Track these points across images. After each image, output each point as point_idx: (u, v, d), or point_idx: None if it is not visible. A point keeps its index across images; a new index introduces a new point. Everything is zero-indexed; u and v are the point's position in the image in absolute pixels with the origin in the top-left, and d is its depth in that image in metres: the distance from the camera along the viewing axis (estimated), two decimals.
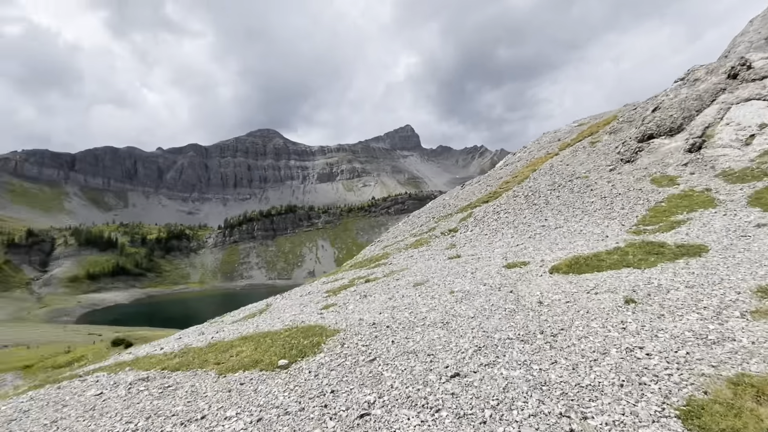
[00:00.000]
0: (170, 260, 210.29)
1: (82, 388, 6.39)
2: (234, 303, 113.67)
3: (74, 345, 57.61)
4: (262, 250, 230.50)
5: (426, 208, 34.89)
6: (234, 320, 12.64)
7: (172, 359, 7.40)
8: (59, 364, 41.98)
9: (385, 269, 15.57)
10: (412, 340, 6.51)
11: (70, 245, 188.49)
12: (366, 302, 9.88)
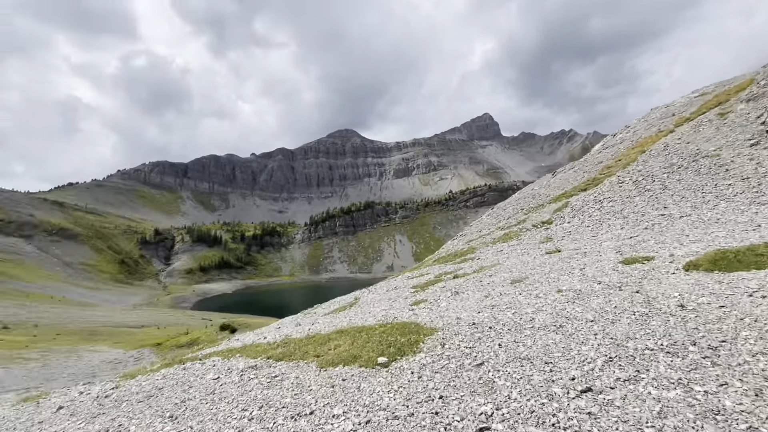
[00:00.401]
0: (265, 255, 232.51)
1: (202, 371, 6.99)
2: (320, 294, 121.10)
3: (191, 328, 66.60)
4: (343, 245, 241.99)
5: (512, 199, 32.67)
6: (326, 312, 13.07)
7: (275, 349, 7.75)
8: (181, 344, 48.50)
9: (474, 264, 14.74)
10: (522, 344, 5.79)
11: (185, 242, 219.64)
12: (459, 300, 9.30)
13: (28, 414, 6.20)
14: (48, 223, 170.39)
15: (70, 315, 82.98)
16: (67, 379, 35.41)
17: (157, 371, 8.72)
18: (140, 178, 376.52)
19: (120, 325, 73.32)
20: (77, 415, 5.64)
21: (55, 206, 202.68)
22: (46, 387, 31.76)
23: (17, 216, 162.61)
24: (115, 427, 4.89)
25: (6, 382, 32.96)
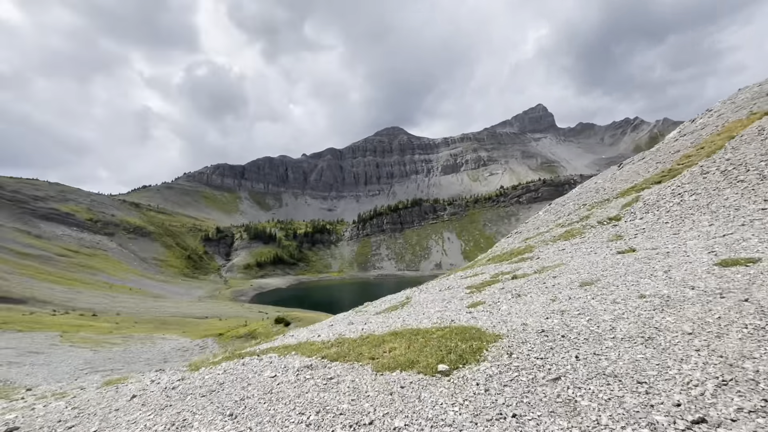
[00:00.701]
0: (315, 251, 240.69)
1: (260, 368, 7.05)
2: (368, 291, 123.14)
3: (249, 320, 70.44)
4: (391, 243, 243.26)
5: (573, 194, 30.42)
6: (377, 311, 12.88)
7: (329, 348, 7.64)
8: (240, 335, 51.36)
9: (534, 264, 13.74)
10: (605, 358, 5.06)
11: (243, 239, 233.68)
12: (522, 303, 8.58)
13: (107, 400, 6.60)
14: (127, 222, 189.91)
15: (145, 305, 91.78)
16: (143, 363, 39.02)
17: (219, 364, 9.04)
18: (203, 179, 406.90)
19: (187, 316, 79.70)
20: (147, 405, 5.88)
21: (132, 207, 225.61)
22: (126, 369, 35.22)
23: (102, 216, 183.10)
24: (180, 421, 4.99)
25: (95, 362, 37.07)
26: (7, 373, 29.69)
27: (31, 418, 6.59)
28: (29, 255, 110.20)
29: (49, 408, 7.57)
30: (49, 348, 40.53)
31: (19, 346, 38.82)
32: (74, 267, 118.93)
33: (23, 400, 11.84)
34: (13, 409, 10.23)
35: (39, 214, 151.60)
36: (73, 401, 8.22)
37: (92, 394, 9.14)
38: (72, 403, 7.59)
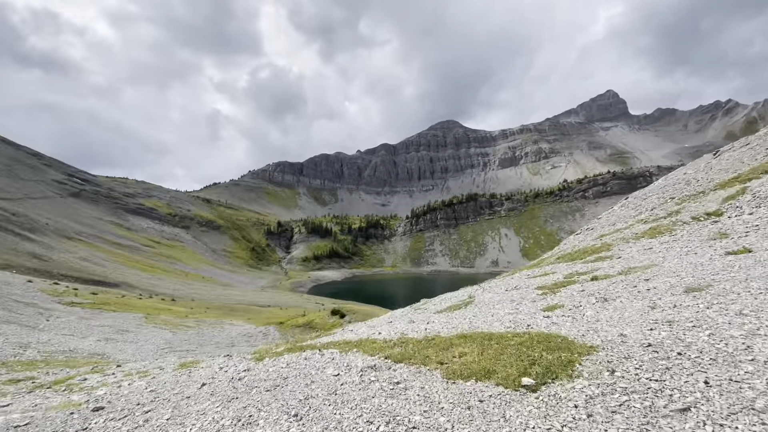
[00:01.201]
0: (369, 246, 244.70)
1: (322, 364, 6.83)
2: (422, 287, 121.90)
3: (307, 310, 73.26)
4: (445, 238, 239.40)
5: (655, 186, 27.03)
6: (438, 310, 12.23)
7: (392, 348, 7.21)
8: (299, 324, 53.43)
9: (616, 264, 12.16)
10: (748, 387, 3.98)
11: (302, 233, 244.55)
12: (611, 309, 7.43)
13: (180, 386, 6.78)
14: (200, 217, 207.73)
15: (215, 293, 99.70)
16: (213, 346, 42.21)
17: (281, 355, 9.07)
18: (266, 176, 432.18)
19: (251, 304, 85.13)
20: (215, 395, 5.88)
21: (204, 202, 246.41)
22: (199, 351, 38.29)
23: (179, 210, 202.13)
24: (246, 417, 4.86)
25: (174, 343, 40.82)
26: (105, 347, 33.67)
27: (116, 397, 6.98)
28: (121, 245, 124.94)
29: (132, 387, 8.05)
30: (136, 328, 45.47)
31: (114, 325, 44.04)
32: (156, 256, 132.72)
33: (113, 375, 13.02)
34: (105, 384, 11.23)
35: (128, 208, 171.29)
36: (152, 382, 8.70)
37: (168, 376, 9.66)
38: (151, 384, 7.99)
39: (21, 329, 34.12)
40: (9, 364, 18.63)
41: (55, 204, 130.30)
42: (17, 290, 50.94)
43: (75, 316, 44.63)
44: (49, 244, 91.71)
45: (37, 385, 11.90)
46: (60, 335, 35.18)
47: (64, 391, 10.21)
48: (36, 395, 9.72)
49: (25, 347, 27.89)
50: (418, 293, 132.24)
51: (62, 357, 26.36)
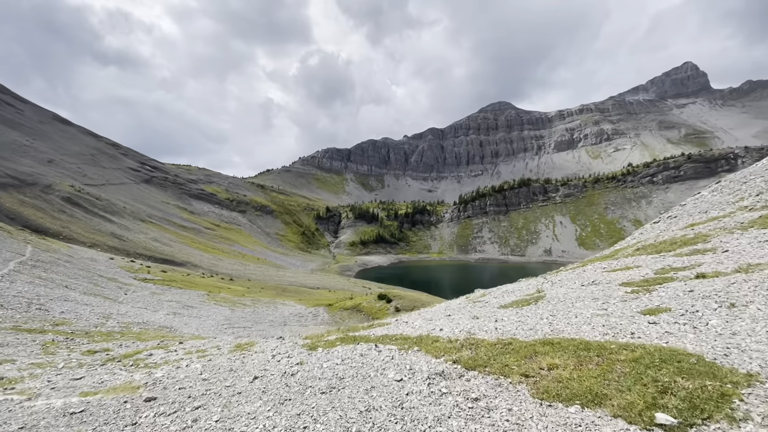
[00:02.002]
0: (415, 232, 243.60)
1: (380, 364, 6.13)
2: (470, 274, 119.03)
3: (354, 294, 74.46)
4: (494, 225, 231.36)
5: (758, 168, 22.99)
6: (502, 304, 11.04)
7: (459, 350, 6.30)
8: (347, 307, 54.26)
9: (724, 259, 10.11)
10: None
11: (349, 218, 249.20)
12: (748, 318, 5.82)
13: (233, 378, 6.46)
14: (255, 202, 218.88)
15: (269, 274, 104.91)
16: (267, 324, 44.22)
17: (334, 346, 8.58)
18: (315, 163, 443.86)
19: (302, 285, 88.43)
20: (267, 393, 5.41)
21: (258, 188, 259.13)
22: (254, 328, 40.24)
23: (236, 196, 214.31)
24: (299, 428, 4.24)
25: (232, 319, 43.32)
26: (173, 321, 36.44)
27: (171, 382, 6.85)
28: (186, 227, 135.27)
29: (188, 371, 7.97)
30: (199, 304, 48.89)
31: (180, 300, 47.69)
32: (216, 238, 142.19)
33: (175, 353, 13.54)
34: (167, 362, 11.60)
35: (192, 194, 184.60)
36: (208, 366, 8.61)
37: (223, 359, 9.60)
38: (206, 369, 7.85)
39: (104, 301, 37.83)
40: (91, 334, 20.43)
41: (130, 189, 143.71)
42: (102, 266, 56.85)
43: (148, 291, 48.88)
44: (126, 225, 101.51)
45: (110, 358, 12.63)
46: (136, 308, 38.61)
47: (131, 366, 10.61)
48: (106, 369, 10.17)
49: (107, 318, 30.77)
50: (465, 281, 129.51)
51: (136, 329, 28.73)
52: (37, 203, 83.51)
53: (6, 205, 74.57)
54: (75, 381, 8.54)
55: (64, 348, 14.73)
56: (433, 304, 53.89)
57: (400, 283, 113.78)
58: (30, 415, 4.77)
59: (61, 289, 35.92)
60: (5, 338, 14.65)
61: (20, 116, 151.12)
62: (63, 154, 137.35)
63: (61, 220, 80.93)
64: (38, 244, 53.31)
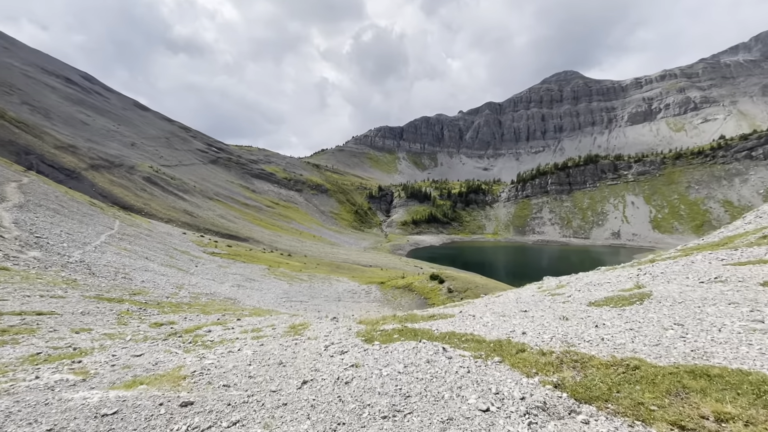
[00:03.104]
0: (469, 212, 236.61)
1: (456, 381, 4.87)
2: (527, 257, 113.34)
3: (406, 273, 74.07)
4: (555, 206, 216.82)
5: None
6: (592, 301, 9.18)
7: (558, 368, 4.81)
8: (399, 285, 53.88)
9: None
10: None
11: (401, 198, 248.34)
12: None
13: (281, 378, 5.66)
14: (310, 181, 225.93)
15: (324, 250, 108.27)
16: (322, 299, 45.33)
17: (393, 340, 7.55)
18: (367, 142, 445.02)
19: (355, 263, 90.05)
20: (317, 409, 4.49)
21: (314, 168, 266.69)
22: (310, 303, 41.37)
23: (294, 175, 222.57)
24: None
25: (290, 293, 44.99)
26: (236, 293, 38.56)
27: (216, 376, 6.31)
28: (248, 205, 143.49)
29: (237, 359, 7.45)
30: (261, 277, 51.46)
31: (243, 273, 50.54)
32: (276, 216, 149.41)
33: (232, 331, 13.56)
34: (222, 341, 11.52)
35: (253, 173, 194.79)
36: (258, 353, 8.06)
37: (275, 345, 9.07)
38: (255, 360, 7.26)
39: (178, 272, 40.95)
40: (162, 305, 21.74)
41: (199, 169, 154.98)
42: (176, 240, 61.97)
43: (215, 264, 52.33)
44: (196, 203, 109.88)
45: (172, 332, 12.93)
46: (205, 279, 41.39)
47: (189, 344, 10.58)
48: (166, 345, 10.21)
49: (179, 288, 33.09)
50: (522, 264, 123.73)
51: (204, 299, 30.52)
52: (123, 182, 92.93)
53: (99, 184, 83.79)
54: (134, 358, 8.49)
55: (136, 318, 15.50)
56: (488, 286, 51.63)
57: (453, 263, 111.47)
58: (63, 413, 4.31)
59: (142, 260, 39.39)
60: (87, 306, 15.67)
61: (108, 104, 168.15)
62: (143, 137, 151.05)
63: (142, 198, 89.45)
64: (124, 219, 59.14)
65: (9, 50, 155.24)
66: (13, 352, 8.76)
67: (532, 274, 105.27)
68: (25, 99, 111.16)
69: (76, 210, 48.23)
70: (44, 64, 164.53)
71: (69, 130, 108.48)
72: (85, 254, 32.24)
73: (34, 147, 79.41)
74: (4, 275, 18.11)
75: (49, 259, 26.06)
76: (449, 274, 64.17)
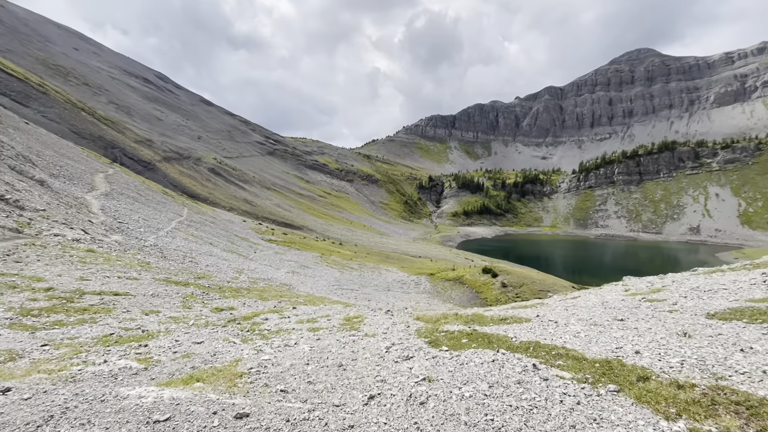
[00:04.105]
0: (525, 203, 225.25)
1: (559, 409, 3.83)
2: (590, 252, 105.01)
3: (456, 265, 71.98)
4: (622, 197, 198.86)
5: None
6: (711, 312, 7.41)
7: (713, 411, 3.52)
8: (449, 278, 52.36)
9: None
10: None
11: (452, 188, 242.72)
12: None
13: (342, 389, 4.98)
14: (361, 171, 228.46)
15: (373, 240, 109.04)
16: (372, 288, 45.33)
17: (462, 346, 6.59)
18: (418, 132, 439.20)
19: (404, 253, 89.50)
20: None
21: (364, 158, 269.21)
22: (360, 291, 41.47)
23: (345, 166, 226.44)
24: None
25: (341, 281, 45.56)
26: (291, 279, 39.74)
27: (275, 373, 5.84)
28: (302, 195, 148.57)
29: (294, 355, 6.99)
30: (314, 264, 52.76)
31: (297, 260, 52.16)
32: (328, 205, 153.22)
33: (288, 320, 13.43)
34: (279, 330, 11.35)
35: (307, 164, 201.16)
36: (315, 349, 7.57)
37: (332, 341, 8.56)
38: (312, 358, 6.74)
39: (239, 258, 43.08)
40: (224, 289, 22.64)
41: (257, 161, 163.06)
42: (237, 227, 65.58)
43: (272, 251, 54.51)
44: (255, 192, 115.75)
45: (232, 318, 13.08)
46: (262, 265, 43.17)
47: (247, 332, 10.48)
48: (225, 333, 10.18)
49: (239, 272, 34.66)
50: (583, 260, 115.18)
51: (262, 284, 31.63)
52: (190, 173, 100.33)
53: (170, 174, 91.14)
54: (194, 346, 8.45)
55: (200, 302, 16.06)
56: (546, 282, 48.27)
57: (506, 257, 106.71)
58: (116, 414, 3.99)
59: (207, 246, 41.93)
60: (157, 289, 16.50)
61: (178, 100, 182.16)
62: (208, 131, 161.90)
63: (207, 187, 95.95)
64: (192, 207, 63.60)
65: (98, 55, 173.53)
66: (90, 332, 9.14)
67: (595, 270, 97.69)
68: (111, 98, 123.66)
69: (151, 198, 52.56)
70: (126, 66, 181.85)
71: (146, 126, 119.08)
72: (158, 239, 34.79)
73: (118, 141, 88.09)
74: (90, 256, 19.74)
75: (128, 242, 28.30)
76: (503, 267, 61.25)
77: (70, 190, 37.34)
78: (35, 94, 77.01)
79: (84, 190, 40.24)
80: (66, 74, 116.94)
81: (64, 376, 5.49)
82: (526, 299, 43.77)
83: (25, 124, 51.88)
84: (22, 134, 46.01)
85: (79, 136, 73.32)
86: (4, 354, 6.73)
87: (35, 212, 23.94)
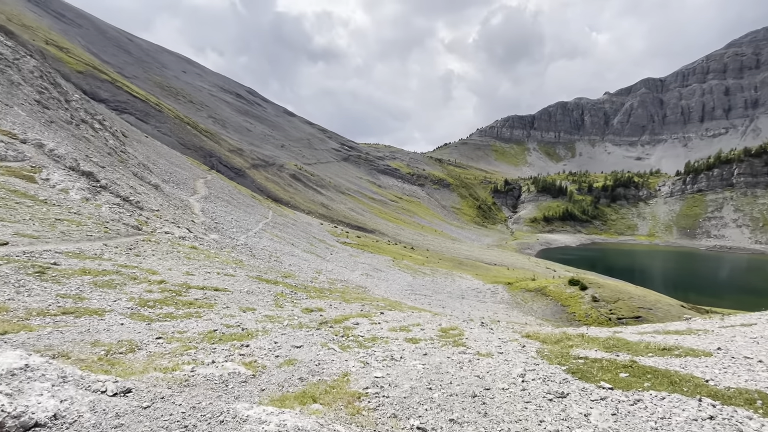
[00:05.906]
0: (616, 209, 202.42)
1: None
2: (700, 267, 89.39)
3: (536, 274, 66.29)
4: (744, 203, 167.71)
5: None
6: None
7: None
8: (530, 288, 48.20)
9: None
10: None
11: (531, 192, 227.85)
12: None
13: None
14: (432, 175, 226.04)
15: (445, 245, 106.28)
16: (445, 295, 43.43)
17: (630, 386, 4.96)
18: (493, 133, 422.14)
19: (478, 260, 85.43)
20: None
21: (436, 162, 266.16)
22: (434, 298, 39.90)
23: (417, 170, 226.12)
24: None
25: (414, 286, 44.50)
26: (365, 281, 39.79)
27: (398, 398, 4.90)
28: (375, 199, 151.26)
29: (410, 375, 6.00)
30: (386, 268, 52.54)
31: (371, 263, 52.40)
32: (399, 210, 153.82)
33: (379, 326, 12.66)
34: (375, 339, 10.58)
35: (379, 169, 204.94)
36: (429, 369, 6.53)
37: (443, 358, 7.46)
38: (433, 382, 5.69)
39: (317, 258, 44.48)
40: (308, 289, 22.97)
41: (333, 167, 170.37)
42: (315, 230, 68.46)
43: (346, 253, 55.56)
44: (331, 197, 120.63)
45: (323, 321, 12.71)
46: (338, 266, 44.01)
47: (342, 338, 9.92)
48: (320, 337, 9.68)
49: (318, 272, 35.51)
50: (690, 274, 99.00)
51: (340, 285, 31.91)
52: (274, 179, 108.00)
53: (257, 180, 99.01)
54: (294, 350, 8.00)
55: (289, 301, 16.18)
56: (648, 299, 41.57)
57: (593, 267, 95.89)
58: None
59: (289, 246, 44.01)
60: (251, 286, 17.03)
61: (264, 112, 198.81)
62: (289, 140, 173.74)
63: (289, 192, 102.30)
64: (275, 210, 67.94)
65: (201, 76, 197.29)
66: (196, 326, 9.27)
67: (708, 288, 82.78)
68: (210, 113, 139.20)
69: (241, 201, 57.07)
70: (222, 84, 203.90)
71: (237, 136, 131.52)
72: (248, 238, 37.21)
73: (215, 150, 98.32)
74: (194, 253, 21.34)
75: (223, 241, 30.51)
76: (592, 279, 54.67)
77: (177, 193, 41.86)
78: (153, 112, 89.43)
79: (188, 194, 44.89)
80: (176, 94, 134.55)
81: (178, 378, 5.23)
82: (622, 317, 38.18)
83: (145, 138, 60.07)
84: (143, 146, 53.24)
85: (185, 147, 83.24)
86: (126, 344, 6.85)
87: (151, 212, 26.88)
